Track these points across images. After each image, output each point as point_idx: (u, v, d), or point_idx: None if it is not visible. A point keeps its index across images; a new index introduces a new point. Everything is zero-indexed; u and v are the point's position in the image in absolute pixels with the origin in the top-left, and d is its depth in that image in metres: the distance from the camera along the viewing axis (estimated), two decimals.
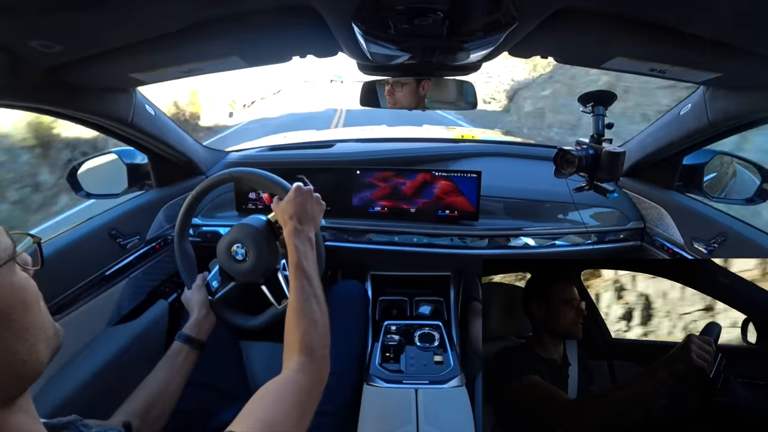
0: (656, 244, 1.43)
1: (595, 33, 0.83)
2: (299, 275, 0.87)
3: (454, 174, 1.48)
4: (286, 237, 0.94)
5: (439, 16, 0.74)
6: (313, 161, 1.70)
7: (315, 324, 0.80)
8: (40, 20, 0.68)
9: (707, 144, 1.28)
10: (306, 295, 0.84)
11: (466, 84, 1.32)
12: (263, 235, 1.08)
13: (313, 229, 0.97)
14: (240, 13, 0.81)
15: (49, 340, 0.48)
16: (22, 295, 0.45)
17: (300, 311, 0.81)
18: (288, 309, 0.84)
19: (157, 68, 1.02)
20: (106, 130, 1.25)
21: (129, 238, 1.33)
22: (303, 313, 0.81)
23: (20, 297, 0.45)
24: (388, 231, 1.54)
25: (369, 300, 1.56)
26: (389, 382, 1.22)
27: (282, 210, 0.98)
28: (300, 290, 0.85)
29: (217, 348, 1.23)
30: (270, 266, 1.10)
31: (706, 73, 0.95)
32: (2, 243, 0.45)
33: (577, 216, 1.51)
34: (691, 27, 0.74)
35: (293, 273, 0.88)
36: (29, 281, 0.47)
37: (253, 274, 1.09)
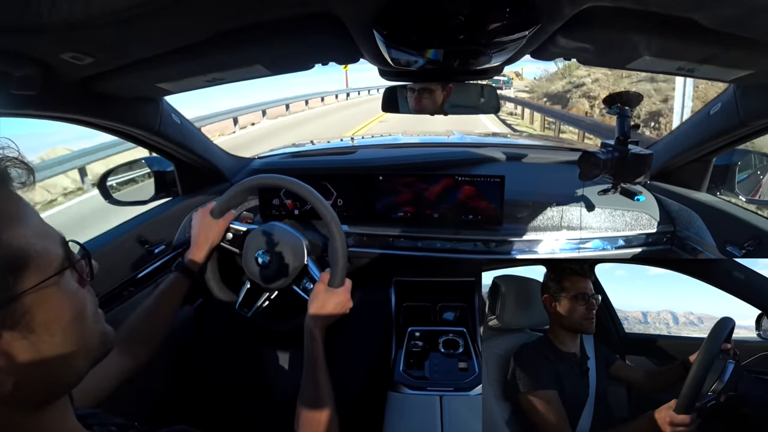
0: (687, 248, 1.39)
1: (620, 32, 0.82)
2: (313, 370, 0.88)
3: (477, 178, 1.47)
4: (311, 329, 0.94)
5: (460, 21, 0.73)
6: (336, 167, 1.71)
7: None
8: (72, 34, 0.70)
9: (739, 144, 1.24)
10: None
11: (487, 87, 1.32)
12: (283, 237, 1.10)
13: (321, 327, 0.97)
14: (263, 23, 0.82)
15: (90, 352, 0.48)
16: (66, 307, 0.45)
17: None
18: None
19: (183, 78, 1.05)
20: (133, 139, 1.28)
21: (156, 244, 1.36)
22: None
23: (64, 310, 0.44)
24: (412, 236, 1.53)
25: (392, 307, 1.56)
26: (413, 389, 1.21)
27: (324, 301, 0.97)
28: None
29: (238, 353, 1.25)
30: (297, 264, 1.11)
31: (737, 71, 0.93)
32: (54, 251, 0.45)
33: (603, 220, 1.48)
34: (721, 24, 0.72)
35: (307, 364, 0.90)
36: (78, 292, 0.47)
37: (279, 274, 1.11)
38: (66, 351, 0.44)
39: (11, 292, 0.40)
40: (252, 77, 1.10)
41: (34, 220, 0.44)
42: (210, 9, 0.72)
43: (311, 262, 1.14)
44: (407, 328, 1.45)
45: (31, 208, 0.45)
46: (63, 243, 0.47)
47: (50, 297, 0.43)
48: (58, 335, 0.43)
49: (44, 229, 0.45)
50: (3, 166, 0.44)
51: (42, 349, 0.42)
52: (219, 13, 0.75)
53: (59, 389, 0.46)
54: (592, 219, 1.48)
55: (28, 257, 0.41)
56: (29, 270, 0.41)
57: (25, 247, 0.41)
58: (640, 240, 1.47)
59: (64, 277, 0.45)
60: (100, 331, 0.50)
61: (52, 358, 0.43)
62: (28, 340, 0.41)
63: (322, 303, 0.96)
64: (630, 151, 1.01)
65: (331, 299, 0.97)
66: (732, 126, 1.13)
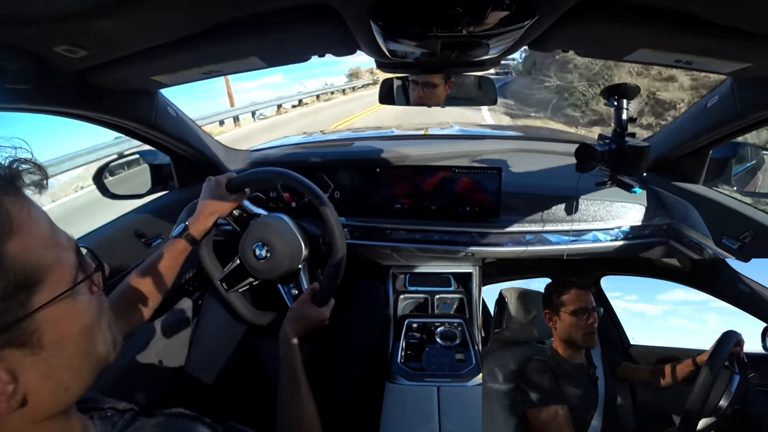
0: (683, 240, 1.39)
1: (618, 24, 0.81)
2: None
3: (474, 170, 1.47)
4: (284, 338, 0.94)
5: (457, 12, 0.73)
6: (333, 160, 1.71)
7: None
8: (66, 26, 0.69)
9: (736, 136, 1.24)
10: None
11: (484, 79, 1.31)
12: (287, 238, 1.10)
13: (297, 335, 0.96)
14: (259, 15, 0.82)
15: (99, 364, 0.47)
16: (78, 319, 0.44)
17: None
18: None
19: (179, 70, 1.04)
20: (129, 132, 1.27)
21: (153, 237, 1.36)
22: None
23: (76, 322, 0.44)
24: (409, 228, 1.54)
25: (389, 299, 1.57)
26: (411, 380, 1.22)
27: (306, 314, 0.98)
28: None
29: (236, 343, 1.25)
30: (291, 267, 1.12)
31: (735, 63, 0.92)
32: (67, 262, 0.43)
33: (600, 212, 1.49)
34: (718, 16, 0.72)
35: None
36: (90, 301, 0.46)
37: (272, 273, 1.11)
38: (76, 363, 0.44)
39: (23, 310, 0.38)
40: (248, 69, 1.09)
41: (44, 227, 0.42)
42: (205, 0, 0.72)
43: (303, 270, 1.14)
44: (405, 320, 1.46)
45: (42, 214, 0.43)
46: (76, 251, 0.46)
47: (63, 311, 0.42)
48: (68, 349, 0.42)
49: (56, 238, 0.44)
50: (15, 168, 0.42)
51: (52, 364, 0.41)
52: (215, 4, 0.74)
53: (69, 399, 0.45)
54: (589, 211, 1.48)
55: (41, 271, 0.40)
56: (42, 285, 0.40)
57: (38, 261, 0.40)
58: (637, 232, 1.47)
59: (77, 288, 0.44)
60: (110, 339, 0.49)
61: (63, 371, 0.42)
62: (38, 356, 0.40)
63: (304, 316, 0.97)
64: (627, 143, 1.01)
65: (313, 315, 0.98)
66: (729, 119, 1.13)
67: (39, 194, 0.44)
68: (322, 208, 1.03)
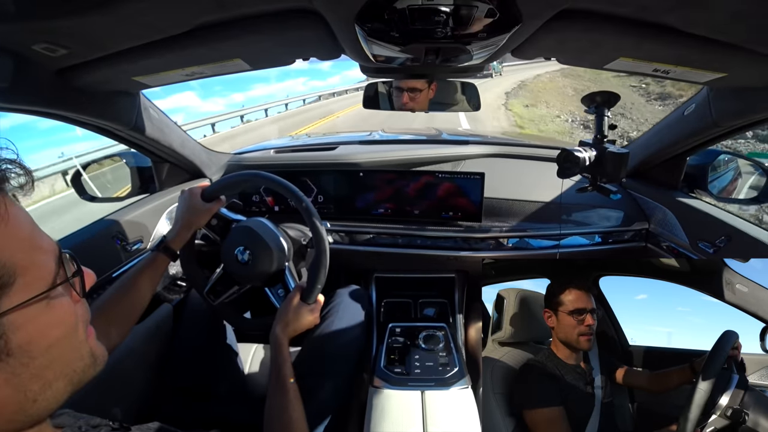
0: (661, 244, 1.43)
1: (598, 34, 0.83)
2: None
3: (457, 176, 1.48)
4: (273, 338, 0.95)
5: (442, 18, 0.74)
6: (316, 164, 1.70)
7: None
8: (45, 24, 0.68)
9: (712, 144, 1.28)
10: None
11: (468, 85, 1.32)
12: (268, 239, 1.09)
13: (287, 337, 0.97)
14: (243, 17, 0.81)
15: (75, 374, 0.45)
16: (53, 326, 0.42)
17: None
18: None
19: (161, 71, 1.02)
20: (109, 133, 1.25)
21: (133, 241, 1.33)
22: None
23: (50, 329, 0.41)
24: (392, 233, 1.54)
25: (372, 304, 1.56)
26: (395, 384, 1.21)
27: (296, 314, 0.98)
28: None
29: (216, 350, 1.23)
30: (275, 267, 1.11)
31: (710, 74, 0.95)
32: (45, 266, 0.42)
33: (580, 217, 1.51)
34: (694, 27, 0.74)
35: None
36: (69, 308, 0.44)
37: (257, 277, 1.10)
38: (47, 374, 0.41)
39: None
40: (232, 71, 1.09)
41: (23, 228, 0.41)
42: (189, 0, 0.71)
43: (288, 270, 1.13)
44: (388, 324, 1.46)
45: (24, 216, 0.41)
46: (57, 256, 0.44)
47: (36, 315, 0.40)
48: (39, 358, 0.40)
49: (36, 240, 0.42)
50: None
51: (19, 372, 0.39)
52: (199, 5, 0.73)
53: (39, 413, 0.42)
54: (570, 216, 1.50)
55: (13, 272, 0.38)
56: (13, 287, 0.38)
57: (9, 261, 0.38)
58: (616, 236, 1.50)
59: (55, 292, 0.42)
60: (88, 351, 0.47)
61: (31, 381, 0.40)
62: (3, 362, 0.38)
63: (293, 316, 0.96)
64: (607, 150, 1.03)
65: (303, 314, 0.97)
66: (705, 127, 1.17)
67: (24, 195, 0.43)
68: (299, 204, 1.02)
